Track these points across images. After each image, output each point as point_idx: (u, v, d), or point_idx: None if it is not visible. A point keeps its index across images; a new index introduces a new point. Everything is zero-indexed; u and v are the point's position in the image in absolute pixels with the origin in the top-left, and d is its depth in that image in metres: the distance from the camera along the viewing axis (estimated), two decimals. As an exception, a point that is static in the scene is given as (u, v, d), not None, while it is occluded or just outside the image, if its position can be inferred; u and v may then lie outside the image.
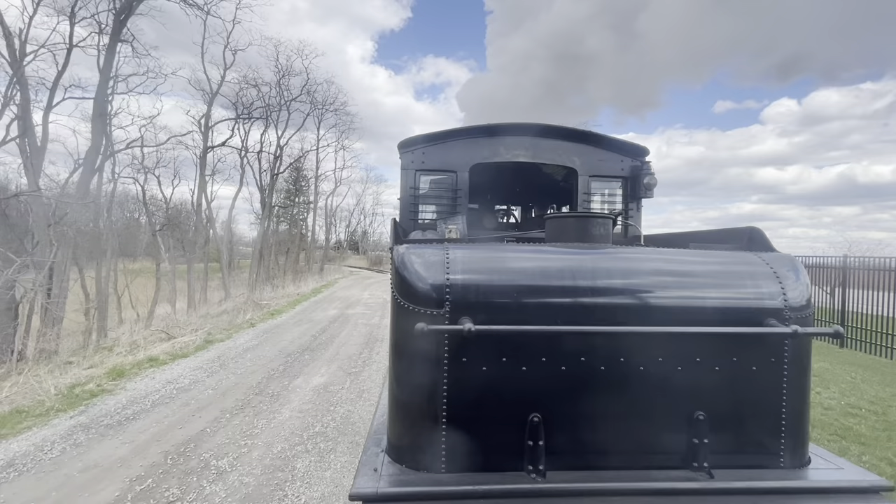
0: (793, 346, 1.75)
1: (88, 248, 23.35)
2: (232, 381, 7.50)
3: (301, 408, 6.33)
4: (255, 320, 13.87)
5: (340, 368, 8.41)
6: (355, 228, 68.36)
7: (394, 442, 1.76)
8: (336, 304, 18.00)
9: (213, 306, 22.89)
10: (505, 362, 1.64)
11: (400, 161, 3.93)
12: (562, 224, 2.24)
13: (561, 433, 1.65)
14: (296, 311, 16.06)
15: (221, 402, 6.52)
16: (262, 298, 23.16)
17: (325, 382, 7.52)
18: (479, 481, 1.56)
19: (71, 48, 20.13)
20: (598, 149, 3.96)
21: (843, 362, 9.15)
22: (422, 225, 3.95)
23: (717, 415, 1.69)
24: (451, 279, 1.64)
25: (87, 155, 19.14)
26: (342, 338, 11.26)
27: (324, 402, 6.57)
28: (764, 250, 2.06)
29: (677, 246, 2.24)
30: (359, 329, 12.45)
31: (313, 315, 15.11)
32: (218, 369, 8.23)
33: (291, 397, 6.77)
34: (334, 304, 18.32)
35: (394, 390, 1.79)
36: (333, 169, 43.20)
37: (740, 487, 1.60)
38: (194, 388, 7.14)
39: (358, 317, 14.74)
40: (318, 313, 15.52)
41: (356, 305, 17.76)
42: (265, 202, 31.85)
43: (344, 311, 16.19)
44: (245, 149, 32.01)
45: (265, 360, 8.98)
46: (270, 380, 7.62)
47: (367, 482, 1.55)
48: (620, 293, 1.71)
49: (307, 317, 14.74)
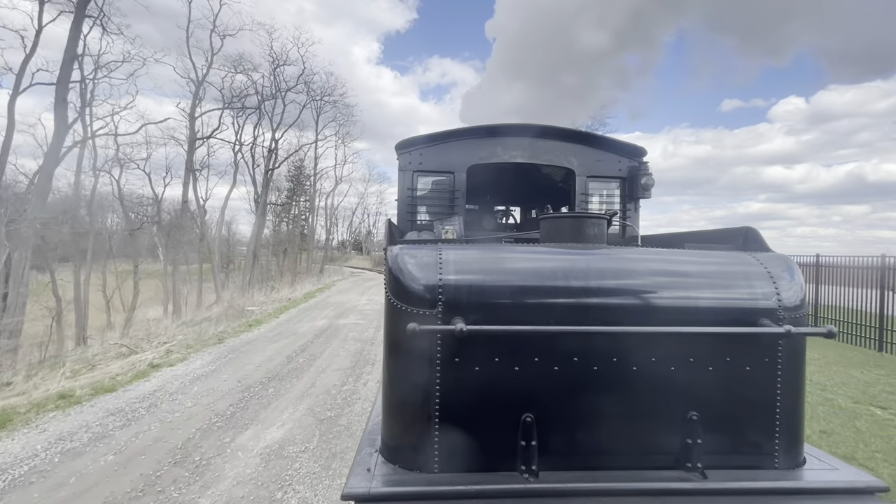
0: (787, 346, 1.74)
1: (65, 249, 21.45)
2: (152, 436, 5.27)
3: (231, 495, 4.07)
4: (228, 333, 11.69)
5: (311, 412, 6.16)
6: (357, 228, 66.12)
7: (387, 442, 1.76)
8: (327, 312, 15.79)
9: (203, 311, 20.88)
10: (498, 362, 1.64)
11: (398, 162, 3.87)
12: (556, 224, 2.24)
13: (554, 433, 1.65)
14: (279, 321, 13.87)
15: (113, 482, 4.28)
16: (251, 303, 21.13)
17: (282, 438, 5.27)
18: (472, 481, 1.56)
19: (40, 30, 18.24)
20: (595, 149, 3.90)
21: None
22: (419, 226, 3.89)
23: (710, 415, 1.69)
24: (444, 280, 1.65)
25: (51, 144, 17.15)
26: (324, 359, 9.02)
27: (271, 481, 4.31)
28: (759, 250, 2.07)
29: (673, 246, 2.26)
30: (347, 346, 10.21)
31: (298, 326, 12.90)
32: (143, 413, 6.02)
33: (225, 470, 4.52)
34: (326, 311, 16.11)
35: (387, 390, 1.79)
36: (333, 165, 40.96)
37: (734, 488, 1.59)
38: (88, 452, 4.89)
39: (349, 329, 12.50)
40: (305, 324, 13.31)
41: (350, 313, 15.53)
42: (259, 199, 29.74)
43: (335, 320, 13.97)
44: (239, 142, 30.01)
45: (214, 396, 6.75)
46: (207, 434, 5.37)
47: (360, 482, 1.55)
48: (613, 293, 1.70)
49: (290, 328, 12.54)
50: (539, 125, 3.79)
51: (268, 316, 14.90)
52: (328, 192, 43.57)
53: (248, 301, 22.22)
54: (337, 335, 11.54)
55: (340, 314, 15.32)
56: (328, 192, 43.57)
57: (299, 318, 14.59)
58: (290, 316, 15.06)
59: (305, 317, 14.78)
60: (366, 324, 13.33)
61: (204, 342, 10.63)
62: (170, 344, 11.12)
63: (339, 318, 14.54)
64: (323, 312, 15.74)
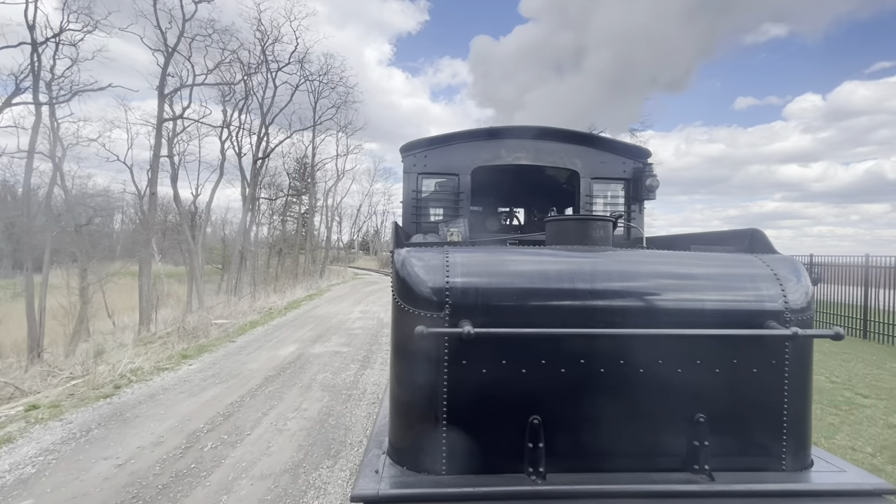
0: (793, 347, 1.73)
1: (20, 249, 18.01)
2: None
3: None
4: (143, 373, 7.87)
5: None
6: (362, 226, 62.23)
7: (395, 444, 1.76)
8: (304, 332, 11.91)
9: (167, 323, 17.31)
10: (505, 364, 1.63)
11: (402, 164, 3.85)
12: (562, 227, 2.23)
13: (561, 435, 1.64)
14: (232, 348, 10.03)
15: None
16: (224, 314, 17.46)
17: None
18: (480, 483, 1.56)
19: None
20: (599, 151, 3.86)
21: None
22: (424, 228, 3.86)
23: (717, 417, 1.68)
24: (451, 282, 1.65)
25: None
26: (248, 450, 5.09)
27: None
28: (765, 252, 2.06)
29: (679, 248, 2.28)
30: (306, 408, 6.29)
31: (252, 358, 9.05)
32: None
33: None
34: (303, 330, 12.24)
35: (395, 392, 1.79)
36: (334, 157, 37.04)
37: (741, 490, 1.58)
38: None
39: (323, 364, 8.60)
40: (264, 353, 9.46)
41: (333, 334, 11.62)
42: (246, 194, 26.05)
43: (308, 346, 10.09)
44: (226, 127, 26.37)
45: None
46: None
47: (369, 484, 1.55)
48: (620, 296, 1.70)
49: (238, 363, 8.68)
50: (543, 127, 3.74)
51: (222, 339, 11.08)
52: (330, 186, 39.87)
53: (222, 311, 18.55)
54: (299, 378, 7.64)
55: (320, 335, 11.41)
56: (330, 186, 39.87)
57: (262, 341, 10.74)
58: (253, 337, 11.21)
59: (272, 339, 10.92)
60: (349, 354, 9.41)
61: (87, 395, 6.81)
62: (47, 393, 7.38)
63: (316, 341, 10.65)
64: (298, 333, 11.85)
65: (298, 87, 27.93)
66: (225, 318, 16.28)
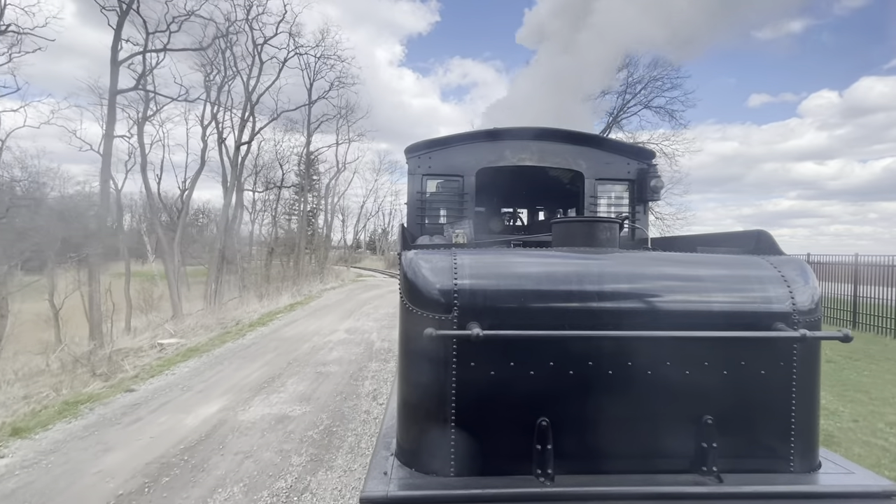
0: (801, 349, 1.73)
1: None
2: None
3: None
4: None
5: None
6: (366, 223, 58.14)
7: (403, 445, 1.76)
8: (253, 368, 7.97)
9: (125, 338, 13.77)
10: (513, 366, 1.63)
11: (407, 166, 3.85)
12: (568, 228, 2.26)
13: (569, 437, 1.63)
14: (114, 410, 6.18)
15: None
16: (182, 329, 13.78)
17: None
18: (489, 485, 1.55)
19: None
20: (603, 152, 3.85)
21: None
22: (429, 229, 3.84)
23: (725, 419, 1.67)
24: (460, 284, 1.64)
25: None
26: None
27: None
28: (772, 253, 2.06)
29: (684, 249, 2.32)
30: None
31: (123, 440, 5.18)
32: None
33: None
34: (253, 365, 8.30)
35: (403, 394, 1.79)
36: (333, 145, 33.10)
37: (750, 492, 1.58)
38: None
39: (251, 450, 4.66)
40: (160, 420, 5.56)
41: (294, 373, 7.63)
42: (227, 183, 22.42)
43: (243, 404, 6.16)
44: (211, 101, 22.68)
45: None
46: None
47: (378, 486, 1.55)
48: (628, 297, 1.70)
49: (84, 459, 4.83)
50: (547, 128, 3.73)
51: (118, 386, 7.21)
52: (331, 178, 36.14)
53: (181, 325, 14.84)
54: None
55: (272, 377, 7.43)
56: (331, 178, 36.14)
57: (178, 390, 6.83)
58: (171, 380, 7.30)
59: (195, 385, 7.02)
60: (303, 423, 5.45)
61: None
62: None
63: (260, 391, 6.71)
64: (243, 371, 7.91)
65: (287, 60, 24.09)
66: (179, 335, 12.53)
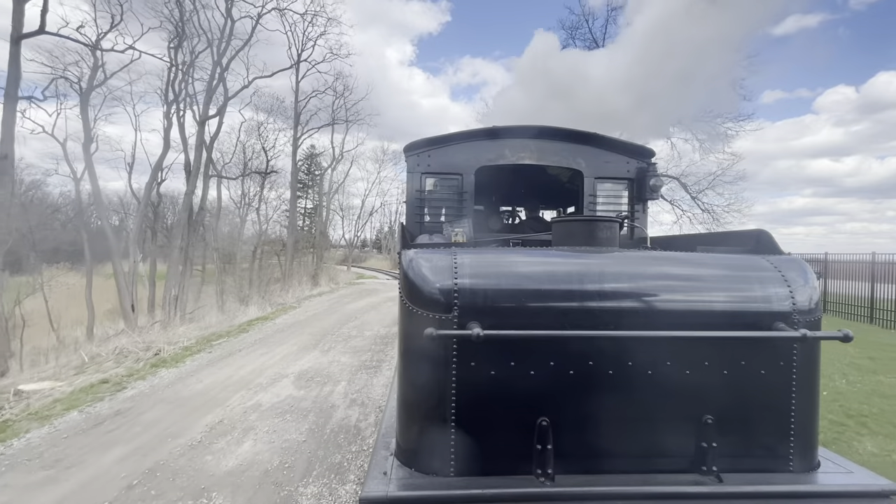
0: (801, 349, 1.74)
1: None
2: None
3: None
4: None
5: None
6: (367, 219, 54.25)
7: (403, 445, 1.76)
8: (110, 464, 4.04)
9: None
10: (513, 366, 1.63)
11: (406, 164, 3.83)
12: (568, 227, 2.25)
13: (570, 437, 1.64)
14: None
15: None
16: (69, 366, 9.85)
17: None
18: (489, 485, 1.55)
19: None
20: (603, 150, 3.86)
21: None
22: (428, 228, 3.82)
23: (725, 418, 1.68)
24: (460, 283, 1.65)
25: None
26: None
27: None
28: (772, 253, 2.06)
29: (684, 249, 2.32)
30: None
31: None
32: None
33: None
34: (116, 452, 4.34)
35: (403, 394, 1.79)
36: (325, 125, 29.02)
37: (749, 491, 1.58)
38: None
39: None
40: None
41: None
42: (190, 168, 18.54)
43: None
44: (173, 64, 18.84)
45: None
46: None
47: (378, 486, 1.55)
48: (628, 297, 1.70)
49: None
50: (546, 126, 3.72)
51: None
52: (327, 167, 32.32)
53: (100, 347, 10.99)
54: None
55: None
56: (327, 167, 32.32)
57: None
58: None
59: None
60: None
61: None
62: None
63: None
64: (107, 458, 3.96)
65: (261, 17, 20.12)
66: (55, 379, 7.31)
